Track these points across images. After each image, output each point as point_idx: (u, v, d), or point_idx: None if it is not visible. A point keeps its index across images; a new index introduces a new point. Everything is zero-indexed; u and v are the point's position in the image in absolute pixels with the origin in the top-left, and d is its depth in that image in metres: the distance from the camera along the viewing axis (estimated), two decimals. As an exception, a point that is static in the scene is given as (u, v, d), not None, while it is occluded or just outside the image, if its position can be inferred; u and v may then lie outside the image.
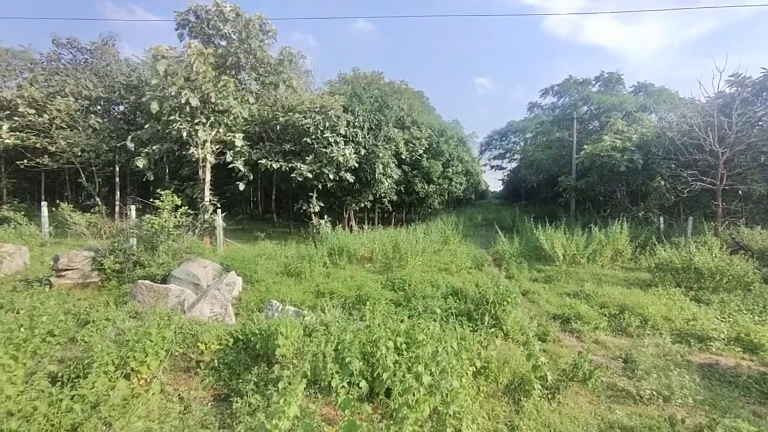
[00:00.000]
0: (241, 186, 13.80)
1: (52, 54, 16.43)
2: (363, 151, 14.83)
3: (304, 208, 14.09)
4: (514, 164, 43.27)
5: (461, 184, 22.23)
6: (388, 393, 3.07)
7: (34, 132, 14.17)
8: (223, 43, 14.62)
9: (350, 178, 14.13)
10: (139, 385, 3.11)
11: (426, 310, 6.69)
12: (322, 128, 13.49)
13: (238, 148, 13.41)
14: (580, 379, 4.05)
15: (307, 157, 13.40)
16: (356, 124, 14.85)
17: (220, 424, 3.06)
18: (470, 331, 4.82)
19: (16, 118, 13.68)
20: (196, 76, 12.38)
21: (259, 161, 13.45)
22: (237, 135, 13.35)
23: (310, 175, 13.03)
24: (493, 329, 5.32)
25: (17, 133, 13.67)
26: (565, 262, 10.62)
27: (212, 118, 13.02)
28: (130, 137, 13.76)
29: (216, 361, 3.70)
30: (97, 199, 15.92)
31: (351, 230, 14.15)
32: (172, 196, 9.30)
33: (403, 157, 17.65)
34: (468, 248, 12.85)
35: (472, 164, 25.00)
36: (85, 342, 4.06)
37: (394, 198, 18.11)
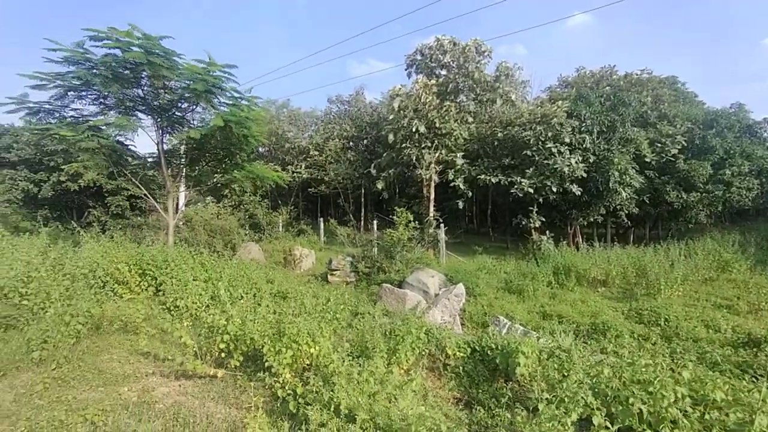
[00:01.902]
0: (460, 204, 14.65)
1: (327, 109, 22.57)
2: (592, 159, 13.02)
3: (522, 222, 13.55)
4: None
5: (750, 189, 15.99)
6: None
7: (316, 167, 19.69)
8: (444, 72, 16.13)
9: (576, 189, 12.62)
10: (399, 374, 3.69)
11: (702, 357, 5.12)
12: (543, 139, 12.73)
13: (458, 167, 14.35)
14: None
15: (527, 171, 12.90)
16: (583, 128, 13.24)
17: (468, 428, 3.24)
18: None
19: (308, 159, 19.45)
20: (423, 106, 14.11)
21: (478, 177, 13.90)
22: (457, 154, 14.33)
23: (530, 189, 12.45)
24: None
25: (308, 169, 19.40)
26: None
27: (436, 141, 14.48)
28: (372, 165, 17.02)
29: (461, 368, 3.98)
30: (351, 215, 20.38)
31: (577, 248, 12.57)
32: (406, 213, 10.81)
33: (648, 160, 14.39)
34: (772, 280, 9.16)
35: (769, 160, 17.54)
36: (357, 329, 5.18)
37: (635, 210, 14.90)
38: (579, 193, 12.82)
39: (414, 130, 13.87)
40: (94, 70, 6.51)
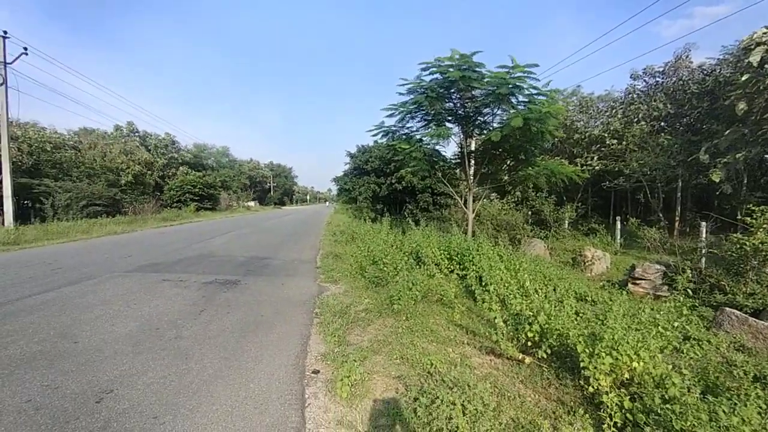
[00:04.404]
0: None
1: (629, 88, 18.83)
2: None
3: None
4: None
5: None
6: None
7: (613, 158, 16.90)
8: None
9: None
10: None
11: None
12: None
13: None
14: None
15: None
16: None
17: None
18: None
19: (602, 149, 17.03)
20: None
21: None
22: None
23: None
24: None
25: (601, 161, 16.97)
26: None
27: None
28: (704, 149, 12.79)
29: None
30: (660, 215, 16.29)
31: None
32: (773, 213, 7.45)
33: None
34: None
35: None
36: (690, 356, 4.13)
37: None
38: None
39: (793, 89, 9.32)
40: (424, 94, 8.32)
